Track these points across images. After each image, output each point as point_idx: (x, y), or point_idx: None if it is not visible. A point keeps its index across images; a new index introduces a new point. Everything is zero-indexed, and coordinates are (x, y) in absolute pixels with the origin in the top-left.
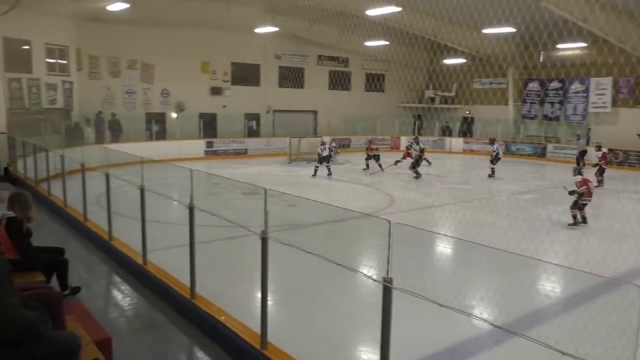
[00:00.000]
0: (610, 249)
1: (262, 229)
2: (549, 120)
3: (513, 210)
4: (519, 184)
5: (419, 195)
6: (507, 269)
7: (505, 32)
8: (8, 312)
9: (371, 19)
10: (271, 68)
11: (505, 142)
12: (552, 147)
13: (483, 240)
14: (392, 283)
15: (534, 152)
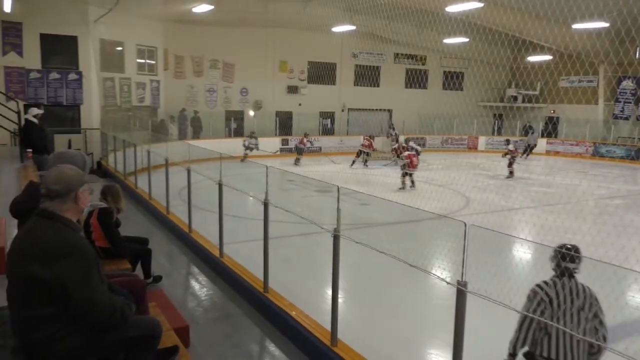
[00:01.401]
0: None
1: (334, 226)
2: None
3: (601, 216)
4: (608, 189)
5: (497, 198)
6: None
7: (598, 27)
8: (96, 298)
9: (451, 16)
10: (347, 66)
11: (594, 143)
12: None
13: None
14: (466, 287)
15: (627, 154)
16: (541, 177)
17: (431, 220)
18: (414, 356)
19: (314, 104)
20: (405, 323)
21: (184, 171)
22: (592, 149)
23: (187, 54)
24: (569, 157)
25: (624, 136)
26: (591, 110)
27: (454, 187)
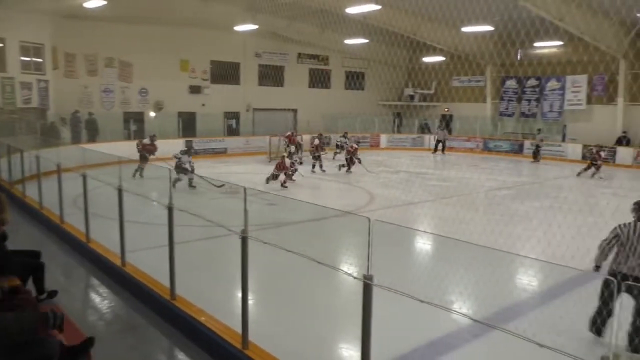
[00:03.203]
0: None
1: (242, 228)
2: (526, 118)
3: (491, 206)
4: (496, 181)
5: (398, 193)
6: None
7: (484, 31)
8: None
9: (351, 17)
10: (251, 66)
11: (483, 139)
12: (528, 143)
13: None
14: (372, 280)
15: (511, 148)
16: (437, 171)
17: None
18: (326, 352)
19: (218, 104)
20: (317, 320)
21: (79, 177)
22: (482, 144)
23: (79, 51)
24: (462, 152)
25: (509, 132)
26: (480, 108)
27: (358, 185)
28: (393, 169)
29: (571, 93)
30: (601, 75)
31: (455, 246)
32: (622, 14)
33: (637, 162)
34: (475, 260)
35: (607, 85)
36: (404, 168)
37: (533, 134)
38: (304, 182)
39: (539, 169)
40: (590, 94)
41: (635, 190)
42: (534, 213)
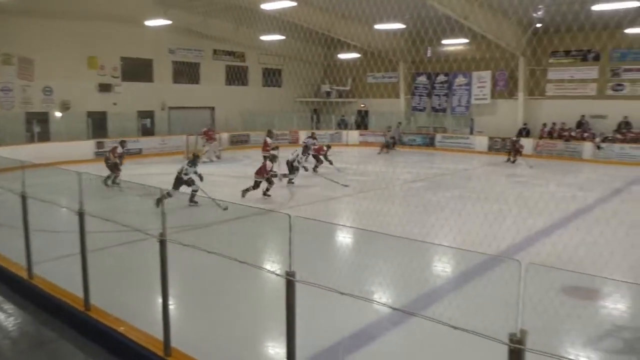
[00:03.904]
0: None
1: (160, 231)
2: (436, 112)
3: (406, 198)
4: (411, 173)
5: (318, 189)
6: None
7: (396, 28)
8: None
9: (267, 13)
10: (165, 63)
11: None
12: (440, 136)
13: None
14: (294, 276)
15: (424, 142)
16: (354, 166)
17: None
18: (251, 352)
19: (130, 102)
20: (242, 320)
21: None
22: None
23: None
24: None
25: (421, 126)
26: (394, 104)
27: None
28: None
29: (477, 88)
30: (503, 72)
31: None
32: (520, 14)
33: (536, 152)
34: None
35: (508, 80)
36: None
37: (444, 127)
38: (226, 181)
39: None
40: (494, 89)
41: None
42: (446, 202)
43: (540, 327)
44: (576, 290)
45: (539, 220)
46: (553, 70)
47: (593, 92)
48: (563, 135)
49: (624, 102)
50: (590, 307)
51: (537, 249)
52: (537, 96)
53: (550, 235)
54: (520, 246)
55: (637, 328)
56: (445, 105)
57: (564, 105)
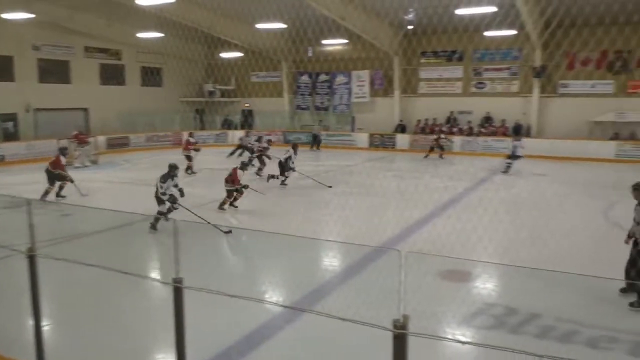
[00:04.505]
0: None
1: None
2: (319, 110)
3: (293, 195)
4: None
5: (204, 191)
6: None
7: (277, 28)
8: None
9: (142, 9)
10: (28, 60)
11: (283, 132)
12: (324, 134)
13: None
14: (182, 283)
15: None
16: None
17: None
18: None
19: None
20: (128, 333)
21: None
22: (283, 137)
23: None
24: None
25: (305, 124)
26: (278, 103)
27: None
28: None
29: (357, 87)
30: (380, 71)
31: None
32: (392, 16)
33: (412, 147)
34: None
35: (384, 79)
36: (208, 165)
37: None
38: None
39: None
40: (372, 88)
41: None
42: (330, 198)
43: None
44: (451, 274)
45: (415, 211)
46: (424, 70)
47: (459, 90)
48: (435, 130)
49: (486, 98)
50: (463, 288)
51: (414, 238)
52: (411, 94)
53: (426, 224)
54: (400, 236)
55: (505, 304)
56: (327, 103)
57: (435, 102)
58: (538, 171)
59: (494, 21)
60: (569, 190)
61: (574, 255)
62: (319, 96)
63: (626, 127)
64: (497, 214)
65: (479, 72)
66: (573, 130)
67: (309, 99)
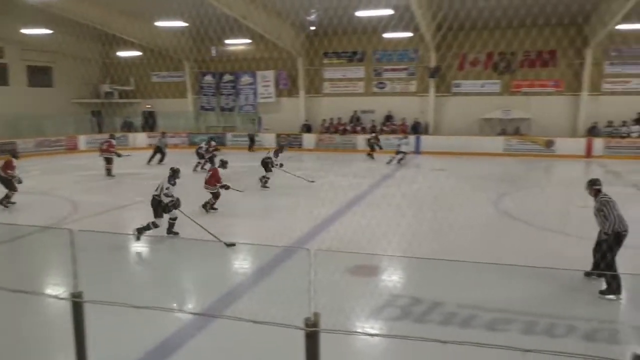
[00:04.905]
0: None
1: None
2: (225, 111)
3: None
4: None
5: (106, 197)
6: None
7: (178, 26)
8: None
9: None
10: None
11: (188, 133)
12: (230, 135)
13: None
14: (82, 297)
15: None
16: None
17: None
18: None
19: None
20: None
21: None
22: (188, 140)
23: None
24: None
25: (211, 125)
26: (182, 104)
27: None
28: (98, 172)
29: (262, 87)
30: (284, 71)
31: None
32: (294, 16)
33: (317, 146)
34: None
35: (289, 79)
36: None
37: (234, 126)
38: None
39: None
40: (278, 88)
41: (318, 170)
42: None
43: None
44: (359, 269)
45: (323, 209)
46: (327, 70)
47: (362, 90)
48: (339, 129)
49: (387, 98)
50: (371, 282)
51: (323, 236)
52: (316, 94)
53: (333, 222)
54: (310, 235)
55: (411, 295)
56: (233, 104)
57: (339, 102)
58: (436, 166)
59: (391, 23)
60: (464, 184)
61: (471, 244)
62: (224, 97)
63: (511, 123)
64: (400, 209)
65: (380, 73)
66: (466, 127)
67: (213, 100)
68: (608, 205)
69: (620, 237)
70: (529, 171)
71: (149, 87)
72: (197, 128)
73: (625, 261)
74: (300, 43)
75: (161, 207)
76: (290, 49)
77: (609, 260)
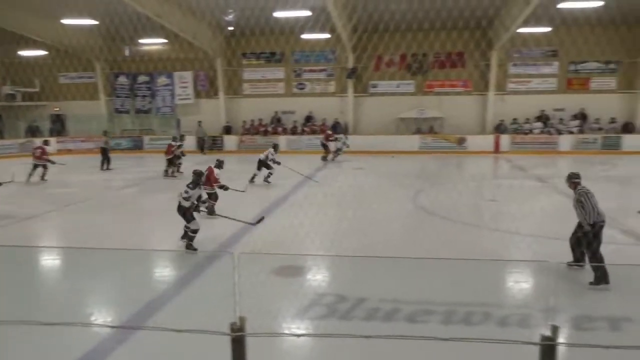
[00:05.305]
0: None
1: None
2: (141, 113)
3: (121, 206)
4: (123, 180)
5: (11, 207)
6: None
7: (89, 24)
8: None
9: None
10: None
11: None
12: (148, 139)
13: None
14: None
15: (133, 145)
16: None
17: None
18: None
19: None
20: None
21: None
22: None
23: None
24: (80, 154)
25: (127, 128)
26: (95, 106)
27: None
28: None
29: (180, 88)
30: (203, 72)
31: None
32: (211, 16)
33: (239, 148)
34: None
35: (208, 80)
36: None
37: (151, 129)
38: None
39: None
40: (197, 89)
41: (241, 172)
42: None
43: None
44: (284, 270)
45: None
46: (247, 71)
47: (282, 91)
48: (260, 130)
49: (307, 99)
50: (296, 282)
51: (247, 239)
52: (236, 95)
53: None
54: (234, 238)
55: (335, 293)
56: (150, 106)
57: (259, 103)
58: (356, 165)
59: (308, 24)
60: (382, 182)
61: (391, 239)
62: (140, 98)
63: (426, 122)
64: (322, 208)
65: (299, 74)
66: (383, 126)
67: (128, 102)
68: (586, 196)
69: (597, 228)
70: (442, 168)
71: (55, 88)
72: (112, 131)
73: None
74: (218, 43)
75: (189, 211)
76: (207, 49)
77: (594, 250)
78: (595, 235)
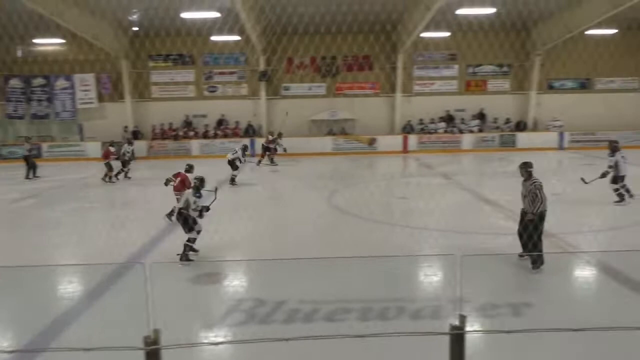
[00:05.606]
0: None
1: None
2: (37, 119)
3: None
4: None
5: None
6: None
7: None
8: None
9: None
10: None
11: None
12: (46, 146)
13: None
14: None
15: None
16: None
17: None
18: None
19: None
20: None
21: None
22: None
23: None
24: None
25: (21, 135)
26: None
27: None
28: None
29: (81, 91)
30: (106, 74)
31: None
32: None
33: (149, 154)
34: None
35: (113, 83)
36: None
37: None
38: None
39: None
40: (100, 92)
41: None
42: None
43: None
44: (201, 278)
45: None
46: (155, 73)
47: (193, 94)
48: (172, 135)
49: (219, 101)
50: (213, 289)
51: (160, 249)
52: (144, 99)
53: (170, 233)
54: (146, 248)
55: (254, 297)
56: (48, 111)
57: (169, 106)
58: (272, 168)
59: (216, 26)
60: (297, 183)
61: (307, 240)
62: (36, 102)
63: (338, 124)
64: (238, 212)
65: (210, 76)
66: (296, 128)
67: (24, 107)
68: (542, 189)
69: (543, 215)
70: (355, 168)
71: None
72: (4, 139)
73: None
74: (122, 44)
75: (190, 219)
76: (110, 50)
77: (536, 239)
78: (541, 222)
